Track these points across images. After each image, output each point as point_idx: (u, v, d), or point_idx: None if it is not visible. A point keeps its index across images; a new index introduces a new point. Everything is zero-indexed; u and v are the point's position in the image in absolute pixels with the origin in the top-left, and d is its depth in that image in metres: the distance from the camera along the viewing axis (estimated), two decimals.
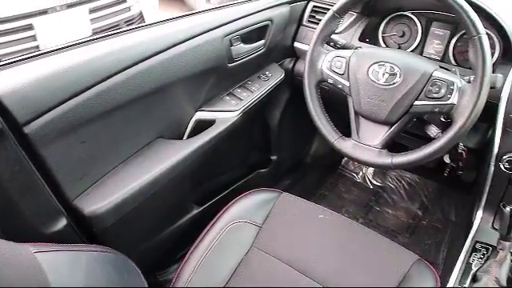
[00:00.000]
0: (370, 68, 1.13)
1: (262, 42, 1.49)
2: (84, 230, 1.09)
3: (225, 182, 1.69)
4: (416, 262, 1.15)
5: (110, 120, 1.09)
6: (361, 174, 2.34)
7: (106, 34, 1.13)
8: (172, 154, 1.23)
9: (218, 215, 1.25)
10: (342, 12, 1.19)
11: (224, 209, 1.27)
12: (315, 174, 2.24)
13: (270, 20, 1.48)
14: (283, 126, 1.81)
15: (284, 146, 1.90)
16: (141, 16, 3.30)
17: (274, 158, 1.88)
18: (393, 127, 1.12)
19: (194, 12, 1.35)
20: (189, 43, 1.23)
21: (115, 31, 1.15)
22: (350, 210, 2.13)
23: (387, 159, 1.11)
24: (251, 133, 1.76)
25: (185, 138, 1.38)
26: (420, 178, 2.28)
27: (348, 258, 1.17)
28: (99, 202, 1.06)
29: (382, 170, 2.33)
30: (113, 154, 1.15)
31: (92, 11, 2.87)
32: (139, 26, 1.20)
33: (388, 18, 1.50)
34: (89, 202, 1.06)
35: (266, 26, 1.48)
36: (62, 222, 1.03)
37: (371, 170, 2.35)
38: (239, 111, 1.41)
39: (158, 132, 1.28)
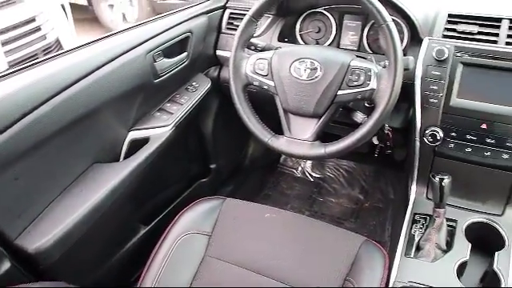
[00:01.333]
0: (291, 66, 1.16)
1: (185, 54, 1.50)
2: (31, 269, 1.05)
3: (168, 197, 1.69)
4: (364, 242, 1.20)
5: (41, 153, 1.06)
6: (300, 168, 2.40)
7: (24, 65, 1.10)
8: (110, 178, 1.22)
9: (166, 231, 1.25)
10: (257, 16, 1.22)
11: (171, 224, 1.27)
12: (256, 175, 2.27)
13: (190, 31, 1.50)
14: (217, 134, 1.83)
15: (221, 153, 1.91)
16: (58, 43, 3.20)
17: (213, 166, 1.89)
18: (321, 119, 1.16)
19: (113, 33, 1.33)
20: (111, 64, 1.22)
21: (34, 61, 1.12)
22: (295, 206, 2.17)
23: (320, 150, 1.15)
24: (187, 145, 1.76)
25: (121, 159, 1.36)
26: (356, 164, 2.37)
27: (300, 251, 1.20)
28: (42, 237, 1.03)
29: (319, 162, 2.40)
30: (50, 186, 1.12)
31: (4, 43, 2.76)
32: (58, 53, 1.18)
33: (303, 17, 1.55)
34: (31, 239, 1.03)
35: (186, 38, 1.49)
36: (6, 265, 0.99)
37: (309, 163, 2.41)
38: (172, 125, 1.41)
39: (93, 157, 1.26)
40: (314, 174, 2.36)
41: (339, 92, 1.13)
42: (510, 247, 1.25)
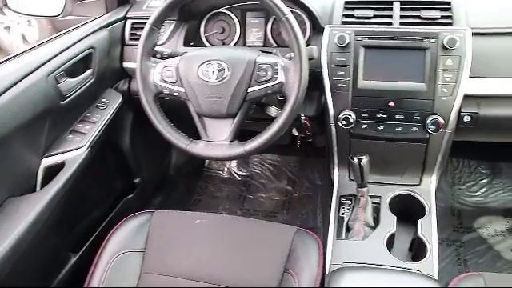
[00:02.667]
0: (199, 69, 1.15)
1: (90, 71, 1.44)
2: None
3: (95, 219, 1.63)
4: (296, 232, 1.22)
5: None
6: (226, 169, 2.40)
7: None
8: (28, 210, 1.15)
9: (98, 254, 1.21)
10: (158, 23, 1.20)
11: (102, 247, 1.22)
12: (183, 183, 2.25)
13: (92, 47, 1.44)
14: (136, 148, 1.79)
15: (144, 166, 1.87)
16: None
17: (137, 180, 1.84)
18: (236, 118, 1.16)
19: (9, 57, 1.25)
20: (12, 91, 1.14)
21: None
22: (226, 207, 2.18)
23: (239, 149, 1.15)
24: (106, 163, 1.71)
25: (38, 189, 1.29)
26: (281, 157, 2.40)
27: (236, 251, 1.21)
28: None
29: (244, 160, 2.42)
30: None
31: None
32: None
33: (206, 19, 1.55)
34: None
35: (89, 55, 1.44)
36: None
37: (234, 163, 2.42)
38: (86, 146, 1.36)
39: (6, 191, 1.18)
40: (240, 173, 2.38)
41: (249, 89, 1.13)
42: (430, 213, 1.33)
